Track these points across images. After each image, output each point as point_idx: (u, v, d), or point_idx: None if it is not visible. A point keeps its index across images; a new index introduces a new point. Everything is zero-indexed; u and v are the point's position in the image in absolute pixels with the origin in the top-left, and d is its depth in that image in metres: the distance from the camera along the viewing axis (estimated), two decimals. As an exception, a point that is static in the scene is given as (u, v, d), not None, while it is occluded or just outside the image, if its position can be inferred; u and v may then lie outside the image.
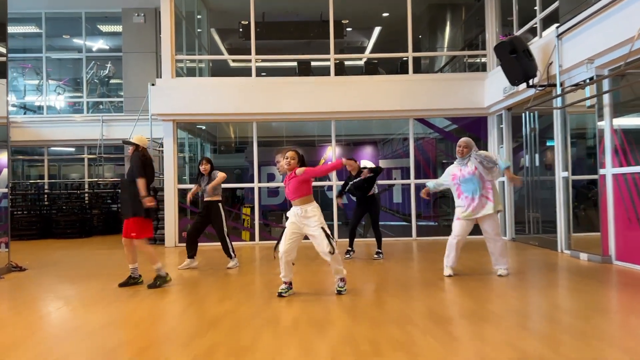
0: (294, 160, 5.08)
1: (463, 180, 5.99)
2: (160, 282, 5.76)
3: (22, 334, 3.97)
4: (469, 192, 5.97)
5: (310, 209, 5.03)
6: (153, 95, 10.29)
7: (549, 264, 7.00)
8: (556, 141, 8.01)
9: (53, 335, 4.00)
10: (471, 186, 5.95)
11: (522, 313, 4.39)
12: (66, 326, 4.24)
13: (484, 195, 5.95)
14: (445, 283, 5.70)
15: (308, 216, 5.01)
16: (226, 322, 4.19)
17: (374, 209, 7.84)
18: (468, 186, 5.97)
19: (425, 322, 4.05)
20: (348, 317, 4.26)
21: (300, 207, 5.03)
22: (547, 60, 7.63)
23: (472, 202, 5.95)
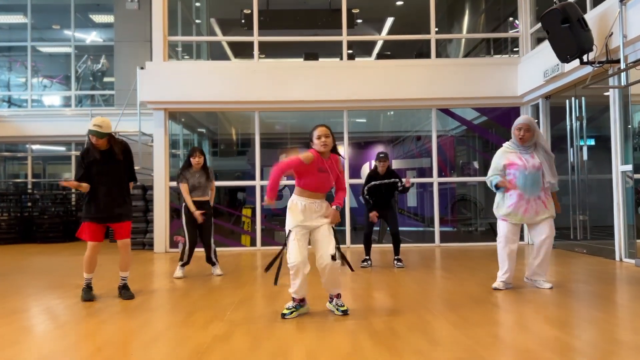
0: (329, 138, 3.82)
1: (524, 173, 4.63)
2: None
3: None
4: (525, 190, 4.64)
5: (326, 205, 3.91)
6: (142, 80, 9.07)
7: (615, 274, 5.73)
8: (614, 129, 6.77)
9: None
10: (530, 184, 4.63)
11: (618, 342, 3.12)
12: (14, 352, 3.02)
13: (541, 199, 4.67)
14: (502, 301, 4.43)
15: (324, 211, 3.86)
16: (214, 356, 2.93)
17: (390, 213, 6.63)
18: (527, 183, 4.63)
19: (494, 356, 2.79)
20: (385, 348, 3.00)
21: (321, 201, 3.87)
22: (606, 32, 6.40)
23: (527, 204, 4.65)
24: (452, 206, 11.50)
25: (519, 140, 4.68)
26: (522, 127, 4.65)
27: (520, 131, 4.65)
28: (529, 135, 4.65)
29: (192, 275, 6.17)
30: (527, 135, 4.65)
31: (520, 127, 4.66)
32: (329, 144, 3.81)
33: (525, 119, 4.75)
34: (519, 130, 4.66)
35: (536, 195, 4.65)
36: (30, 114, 13.32)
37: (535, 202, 4.66)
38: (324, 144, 3.78)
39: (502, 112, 9.52)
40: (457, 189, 11.46)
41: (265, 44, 9.75)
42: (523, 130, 4.64)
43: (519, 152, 4.72)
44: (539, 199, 4.67)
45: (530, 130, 4.65)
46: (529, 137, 4.65)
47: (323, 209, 3.88)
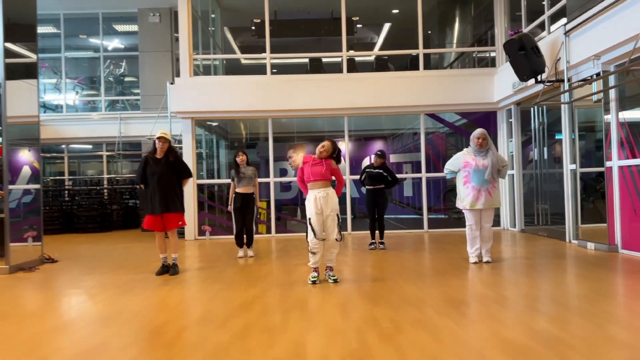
0: (327, 152, 5.52)
1: (475, 170, 6.26)
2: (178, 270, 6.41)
3: (65, 320, 4.33)
4: (477, 182, 6.27)
5: (331, 192, 5.46)
6: (172, 93, 10.64)
7: (557, 253, 7.27)
8: (564, 135, 8.26)
9: (95, 320, 4.33)
10: (481, 178, 6.25)
11: (533, 297, 4.68)
12: (105, 312, 4.59)
13: (489, 190, 6.28)
14: (458, 271, 5.99)
15: (328, 199, 5.40)
16: (255, 306, 4.52)
17: (381, 200, 8.11)
18: (478, 177, 6.26)
19: (441, 305, 4.36)
20: (369, 301, 4.57)
21: (324, 189, 5.43)
22: (555, 56, 7.88)
23: (479, 193, 6.27)
24: (444, 195, 12.99)
25: (478, 145, 6.30)
26: (480, 136, 6.32)
27: (479, 139, 6.31)
28: (485, 142, 6.30)
29: (220, 258, 7.75)
30: (484, 143, 6.30)
31: (479, 136, 6.33)
32: (324, 153, 5.51)
33: (482, 130, 6.40)
34: (478, 139, 6.31)
35: (486, 187, 6.27)
36: (66, 118, 14.92)
37: (485, 192, 6.28)
38: (319, 152, 5.54)
39: (480, 115, 11.02)
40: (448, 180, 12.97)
41: (274, 48, 11.18)
42: (481, 139, 6.31)
43: (473, 155, 6.35)
44: (488, 190, 6.29)
45: (486, 139, 6.32)
46: (484, 143, 6.30)
47: (329, 196, 5.41)
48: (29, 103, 8.08)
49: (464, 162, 6.39)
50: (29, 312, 4.62)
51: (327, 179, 5.47)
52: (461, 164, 6.41)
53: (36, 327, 4.04)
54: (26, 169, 9.75)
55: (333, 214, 5.40)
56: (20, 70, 8.27)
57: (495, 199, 6.33)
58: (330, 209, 5.39)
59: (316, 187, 5.44)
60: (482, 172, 6.25)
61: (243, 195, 7.58)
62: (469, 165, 6.33)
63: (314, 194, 5.44)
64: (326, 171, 5.44)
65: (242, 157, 7.63)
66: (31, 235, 8.59)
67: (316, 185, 5.45)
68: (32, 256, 7.46)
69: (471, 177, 6.30)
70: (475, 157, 6.33)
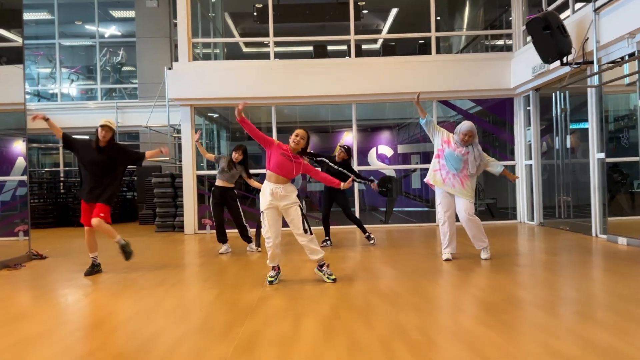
0: (304, 140, 4.91)
1: (450, 153, 5.75)
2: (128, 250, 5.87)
3: (50, 324, 3.79)
4: (449, 165, 5.78)
5: (290, 188, 4.91)
6: (170, 79, 10.06)
7: (586, 248, 6.73)
8: (590, 121, 7.69)
9: (83, 325, 3.81)
10: (454, 163, 5.76)
11: (575, 300, 4.14)
12: (95, 316, 4.06)
13: (460, 178, 5.76)
14: (482, 269, 5.45)
15: (287, 195, 4.86)
16: (262, 310, 3.98)
17: (339, 195, 7.44)
18: (452, 161, 5.76)
19: (474, 310, 3.81)
20: (391, 305, 4.03)
21: (283, 186, 4.86)
22: (582, 36, 7.29)
23: (448, 176, 5.79)
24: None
25: (462, 141, 5.74)
26: (467, 133, 5.71)
27: (465, 136, 5.71)
28: (470, 140, 5.74)
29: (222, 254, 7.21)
30: (469, 140, 5.73)
31: (465, 132, 5.71)
32: (301, 143, 4.87)
33: (470, 126, 5.75)
34: (465, 136, 5.71)
35: (457, 173, 5.74)
36: (61, 107, 14.34)
37: (454, 178, 5.76)
38: (296, 143, 4.87)
39: (495, 102, 10.42)
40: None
41: (277, 34, 10.55)
42: (467, 136, 5.71)
43: (456, 143, 5.80)
44: (459, 178, 5.75)
45: (472, 136, 5.74)
46: (469, 140, 5.74)
47: (288, 191, 4.85)
48: (15, 89, 7.55)
49: (445, 140, 5.86)
50: (10, 316, 4.08)
51: (291, 176, 4.92)
52: (442, 138, 5.88)
53: (16, 334, 3.51)
54: (21, 160, 9.28)
55: (294, 205, 4.86)
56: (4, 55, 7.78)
57: (468, 193, 5.79)
58: (289, 201, 4.85)
59: (277, 181, 4.85)
60: (458, 158, 5.73)
61: (221, 189, 7.06)
62: (448, 144, 5.81)
63: (270, 187, 4.85)
64: (296, 171, 4.89)
65: (238, 156, 7.01)
66: (22, 229, 8.09)
67: (278, 179, 4.85)
68: (19, 252, 6.92)
69: (445, 157, 5.79)
70: (457, 146, 5.79)
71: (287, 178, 4.89)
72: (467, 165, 5.74)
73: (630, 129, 7.58)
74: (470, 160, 5.71)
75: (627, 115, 7.84)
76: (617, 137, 7.72)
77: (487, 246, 5.94)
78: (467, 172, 5.76)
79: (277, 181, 4.86)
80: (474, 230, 5.85)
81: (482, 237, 5.92)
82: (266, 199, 4.87)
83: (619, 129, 7.76)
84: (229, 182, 7.08)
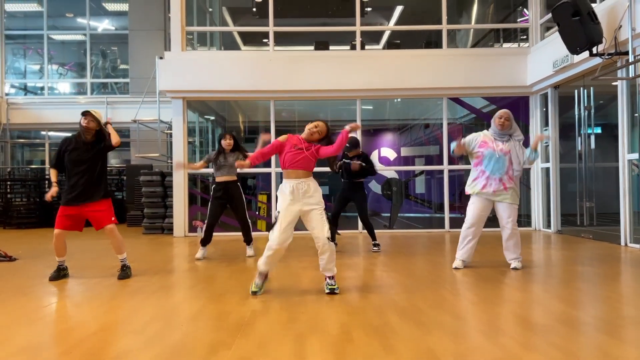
0: (319, 135, 4.23)
1: (490, 155, 5.11)
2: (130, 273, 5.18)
3: (3, 335, 3.05)
4: (491, 169, 5.11)
5: (313, 185, 4.18)
6: (161, 69, 9.33)
7: (619, 258, 6.01)
8: (621, 119, 7.00)
9: (42, 337, 3.07)
10: (497, 165, 5.10)
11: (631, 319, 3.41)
12: (58, 327, 3.33)
13: (504, 181, 5.10)
14: (510, 279, 4.72)
15: (310, 193, 4.13)
16: (256, 327, 3.25)
17: (358, 196, 6.78)
18: (494, 163, 5.11)
19: (516, 329, 3.09)
20: (412, 322, 3.30)
21: (304, 180, 4.14)
22: (615, 25, 6.61)
23: (493, 181, 5.11)
24: (459, 193, 11.76)
25: (499, 126, 5.15)
26: (504, 115, 5.17)
27: (502, 119, 5.15)
28: (508, 124, 5.15)
29: (215, 258, 6.47)
30: (506, 124, 5.14)
31: (501, 115, 5.18)
32: (316, 135, 4.20)
33: (506, 110, 5.22)
34: (500, 119, 5.16)
35: (501, 176, 5.09)
36: (47, 101, 13.60)
37: (500, 182, 5.10)
38: (310, 132, 4.20)
39: (511, 101, 9.73)
40: (464, 176, 11.72)
41: (277, 32, 9.91)
42: (504, 118, 5.16)
43: (494, 137, 5.19)
44: (503, 181, 5.10)
45: (509, 120, 5.16)
46: (508, 125, 5.15)
47: (311, 190, 4.14)
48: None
49: (482, 142, 5.23)
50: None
51: (310, 168, 4.21)
52: (478, 142, 5.25)
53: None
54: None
55: (318, 208, 4.13)
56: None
57: (514, 194, 5.14)
58: (314, 202, 4.11)
59: (297, 176, 4.13)
60: (500, 158, 5.09)
61: (225, 184, 6.27)
62: (485, 145, 5.19)
63: (290, 184, 4.12)
64: (313, 160, 4.18)
65: (229, 142, 6.28)
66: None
67: (298, 174, 4.13)
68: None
69: (484, 160, 5.16)
70: (495, 138, 5.19)
71: (307, 170, 4.16)
72: (511, 164, 5.10)
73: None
74: (514, 157, 5.09)
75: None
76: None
77: (519, 259, 5.26)
78: (511, 172, 5.11)
79: (297, 176, 4.13)
80: (512, 240, 5.21)
81: (519, 252, 5.26)
82: (285, 199, 4.11)
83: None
84: (231, 175, 6.31)
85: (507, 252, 5.28)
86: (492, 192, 5.11)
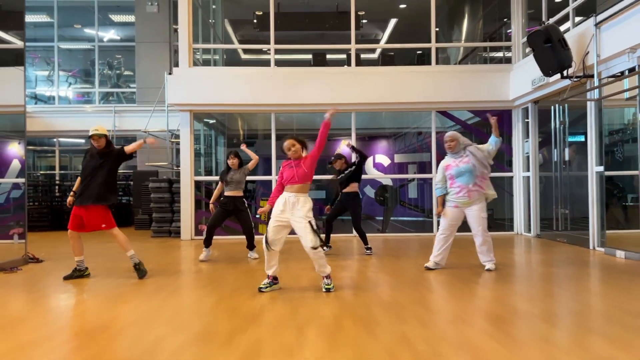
0: (295, 147, 4.92)
1: (457, 170, 5.84)
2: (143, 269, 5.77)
3: (48, 330, 3.74)
4: (462, 182, 5.84)
5: (303, 199, 4.86)
6: (170, 84, 10.04)
7: (584, 261, 6.73)
8: (590, 134, 7.73)
9: (79, 332, 3.75)
10: (465, 177, 5.82)
11: (579, 313, 4.13)
12: (92, 323, 4.01)
13: (477, 185, 5.82)
14: (484, 280, 5.44)
15: (298, 207, 4.81)
16: (265, 317, 3.95)
17: (352, 205, 7.43)
18: (462, 177, 5.83)
19: (479, 321, 3.80)
20: (394, 315, 4.00)
21: (296, 194, 4.84)
22: (583, 50, 7.34)
23: (466, 190, 5.82)
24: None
25: (449, 150, 5.90)
26: (447, 140, 5.91)
27: (446, 143, 5.90)
28: (454, 144, 5.85)
29: (222, 260, 7.16)
30: (452, 144, 5.86)
31: (445, 140, 5.93)
32: (297, 152, 4.91)
33: (449, 133, 5.97)
34: (446, 143, 5.90)
35: (472, 183, 5.80)
36: (57, 109, 14.28)
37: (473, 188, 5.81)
38: (292, 153, 4.91)
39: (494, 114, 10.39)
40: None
41: (277, 42, 10.51)
42: (448, 142, 5.89)
43: (453, 158, 5.92)
44: (477, 186, 5.82)
45: (454, 140, 5.86)
46: (454, 145, 5.85)
47: (300, 201, 4.81)
48: (15, 91, 7.54)
49: (446, 167, 6.00)
50: (6, 321, 4.02)
51: (305, 180, 4.87)
52: (443, 169, 6.02)
53: (13, 339, 3.46)
54: (16, 163, 9.22)
55: (302, 221, 4.75)
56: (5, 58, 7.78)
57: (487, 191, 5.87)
58: (299, 215, 4.77)
59: (290, 190, 4.86)
60: (465, 170, 5.81)
61: (232, 199, 7.08)
62: (450, 167, 5.94)
63: (284, 196, 4.86)
64: (308, 171, 4.84)
65: (233, 161, 7.06)
66: (17, 232, 8.01)
67: (291, 188, 4.86)
68: (15, 255, 6.85)
69: (455, 178, 5.88)
70: (454, 159, 5.91)
71: (300, 183, 4.84)
72: (476, 169, 5.79)
73: (624, 143, 7.64)
74: (476, 163, 5.77)
75: (621, 129, 7.91)
76: (612, 151, 7.77)
77: (494, 261, 5.99)
78: (478, 180, 5.81)
79: (292, 190, 4.85)
80: (484, 246, 5.92)
81: (492, 255, 5.97)
82: (277, 207, 4.85)
83: (613, 143, 7.82)
84: (237, 190, 7.08)
85: (481, 255, 6.00)
86: (467, 198, 5.79)
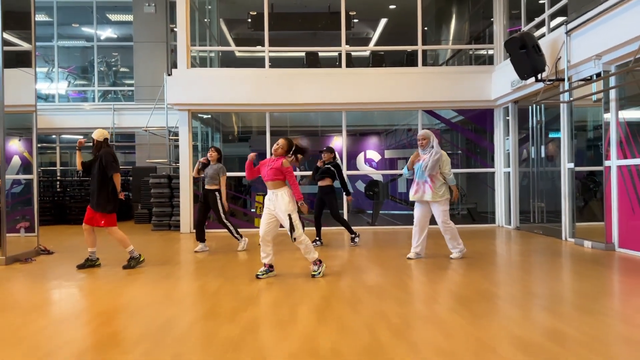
0: (282, 149, 5.50)
1: (418, 166, 6.48)
2: (134, 264, 6.27)
3: (70, 313, 4.28)
4: (417, 176, 6.51)
5: (280, 194, 5.41)
6: (169, 85, 10.54)
7: (554, 250, 7.34)
8: (562, 133, 8.32)
9: (100, 312, 4.28)
10: (419, 172, 6.46)
11: (537, 294, 4.72)
12: (110, 305, 4.55)
13: (426, 182, 6.41)
14: (460, 267, 6.03)
15: (278, 202, 5.39)
16: (262, 299, 4.51)
17: (327, 198, 7.99)
18: (418, 172, 6.49)
19: (448, 301, 4.38)
20: (375, 296, 4.58)
21: (273, 191, 5.44)
22: (555, 56, 7.92)
23: (417, 185, 6.48)
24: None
25: (420, 147, 6.53)
26: (419, 137, 6.54)
27: (419, 141, 6.54)
28: (426, 142, 6.48)
29: (220, 251, 7.71)
30: (424, 142, 6.49)
31: (419, 137, 6.56)
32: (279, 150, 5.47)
33: (422, 132, 6.58)
34: (419, 141, 6.55)
35: (422, 179, 6.43)
36: (57, 107, 14.73)
37: (423, 185, 6.44)
38: (274, 149, 5.52)
39: (477, 112, 11.06)
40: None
41: (270, 41, 11.03)
42: (420, 140, 6.53)
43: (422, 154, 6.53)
44: (425, 182, 6.42)
45: (426, 138, 6.49)
46: (426, 143, 6.48)
47: (278, 200, 5.38)
48: (25, 92, 7.99)
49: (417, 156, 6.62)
50: (31, 305, 4.56)
51: (275, 179, 5.40)
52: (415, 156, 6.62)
53: (40, 320, 3.99)
54: (16, 159, 9.63)
55: (283, 215, 5.35)
56: (16, 59, 8.17)
57: (435, 192, 6.37)
58: (281, 210, 5.36)
59: (268, 187, 5.50)
60: (420, 166, 6.45)
61: (205, 191, 7.67)
62: (418, 160, 6.56)
63: (268, 193, 5.50)
64: (276, 171, 5.38)
65: (211, 154, 7.63)
66: (23, 226, 8.49)
67: (268, 185, 5.48)
68: (27, 247, 7.36)
69: (416, 171, 6.53)
70: (422, 154, 6.54)
71: (272, 181, 5.41)
72: (427, 168, 6.36)
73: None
74: (428, 163, 6.34)
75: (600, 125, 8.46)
76: (595, 146, 8.32)
77: (460, 250, 6.59)
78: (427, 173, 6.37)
79: (269, 187, 5.48)
80: (447, 235, 6.55)
81: (456, 244, 6.59)
82: (266, 203, 5.49)
83: (597, 137, 8.37)
84: (210, 184, 7.60)
85: (448, 244, 6.65)
86: (422, 193, 6.41)
